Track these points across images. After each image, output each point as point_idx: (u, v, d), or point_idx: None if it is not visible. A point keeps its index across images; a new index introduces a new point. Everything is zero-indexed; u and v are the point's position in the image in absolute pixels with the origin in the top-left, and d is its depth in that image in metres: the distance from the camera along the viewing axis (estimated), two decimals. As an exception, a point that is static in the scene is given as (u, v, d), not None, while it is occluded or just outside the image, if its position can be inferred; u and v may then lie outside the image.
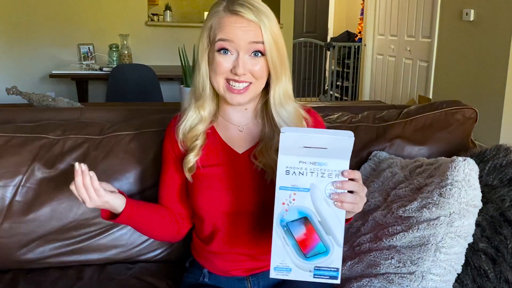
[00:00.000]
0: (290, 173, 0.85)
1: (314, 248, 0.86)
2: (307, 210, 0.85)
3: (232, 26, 0.97)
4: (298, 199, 0.85)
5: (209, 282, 1.15)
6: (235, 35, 0.97)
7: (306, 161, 0.84)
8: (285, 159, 0.84)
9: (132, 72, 3.71)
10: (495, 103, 3.32)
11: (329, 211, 0.85)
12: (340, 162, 0.84)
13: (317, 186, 0.84)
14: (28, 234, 1.29)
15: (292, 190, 0.85)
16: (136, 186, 1.34)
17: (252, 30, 0.97)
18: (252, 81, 1.01)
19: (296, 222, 0.86)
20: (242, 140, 1.10)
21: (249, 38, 0.97)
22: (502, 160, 1.23)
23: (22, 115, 1.49)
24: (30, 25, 4.61)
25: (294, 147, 0.83)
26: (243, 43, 0.97)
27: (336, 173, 0.84)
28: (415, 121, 1.49)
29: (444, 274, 1.03)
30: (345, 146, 0.82)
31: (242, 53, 0.98)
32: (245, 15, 0.97)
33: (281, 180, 0.85)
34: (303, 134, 0.83)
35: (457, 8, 3.78)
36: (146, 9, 4.96)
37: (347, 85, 6.30)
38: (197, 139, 1.08)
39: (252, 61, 0.99)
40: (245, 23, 0.97)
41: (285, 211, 0.86)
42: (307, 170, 0.84)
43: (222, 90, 1.02)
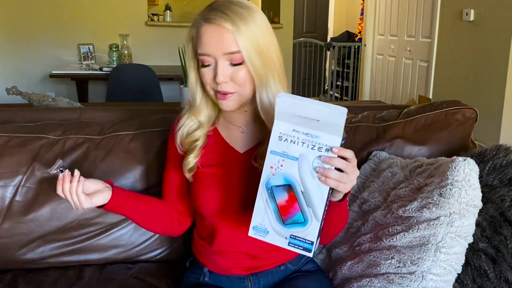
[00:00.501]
0: (282, 139, 0.86)
1: (293, 216, 0.87)
2: (292, 179, 0.86)
3: (207, 37, 0.96)
4: (286, 166, 0.86)
5: (210, 282, 1.15)
6: (210, 49, 0.96)
7: (300, 131, 0.85)
8: (279, 125, 0.86)
9: (132, 72, 3.71)
10: (495, 103, 3.32)
11: (313, 184, 0.85)
12: (333, 138, 0.84)
13: (306, 157, 0.85)
14: (28, 234, 1.29)
15: (281, 156, 0.86)
16: (136, 186, 1.34)
17: (225, 40, 0.95)
18: (235, 90, 0.99)
19: (280, 187, 0.87)
20: (243, 140, 1.10)
21: (223, 49, 0.95)
22: (502, 160, 1.23)
23: (22, 115, 1.50)
24: (30, 25, 4.61)
25: (289, 114, 0.84)
26: (219, 55, 0.96)
27: (326, 147, 0.84)
28: (415, 121, 1.49)
29: (444, 274, 1.03)
30: (337, 121, 0.82)
31: (221, 62, 0.97)
32: (219, 22, 0.94)
33: (273, 145, 0.86)
34: (298, 102, 0.83)
35: (457, 8, 3.78)
36: (146, 9, 4.97)
37: (347, 85, 6.30)
38: (197, 141, 1.09)
39: (232, 69, 0.97)
40: (218, 32, 0.95)
41: (272, 175, 0.87)
42: (299, 139, 0.85)
43: (213, 97, 1.03)
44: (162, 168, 1.22)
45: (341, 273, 1.18)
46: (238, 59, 0.96)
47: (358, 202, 1.33)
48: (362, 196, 1.32)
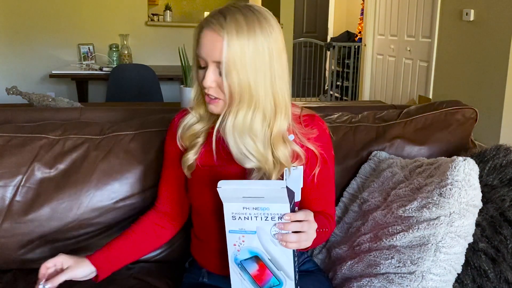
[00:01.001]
0: (236, 218, 0.89)
1: (269, 281, 0.92)
2: (257, 250, 0.91)
3: (203, 41, 0.96)
4: (247, 241, 0.91)
5: (208, 282, 1.15)
6: (203, 53, 0.96)
7: (249, 207, 0.88)
8: (229, 206, 0.89)
9: (132, 72, 3.71)
10: (495, 103, 3.32)
11: (276, 250, 0.90)
12: (281, 206, 0.87)
13: (263, 228, 0.89)
14: (28, 234, 1.29)
15: (240, 233, 0.90)
16: (136, 186, 1.35)
17: (216, 48, 0.94)
18: (220, 97, 0.98)
19: (249, 260, 0.92)
20: None
21: (212, 56, 0.95)
22: (502, 160, 1.23)
23: (22, 115, 1.49)
24: (30, 25, 4.61)
25: (234, 197, 0.88)
26: (209, 59, 0.96)
27: (279, 215, 0.88)
28: (415, 121, 1.49)
29: (444, 274, 1.03)
30: (279, 195, 0.86)
31: (211, 67, 0.96)
32: (215, 28, 0.93)
33: (229, 224, 0.90)
34: (238, 187, 0.87)
35: (457, 8, 3.78)
36: (146, 9, 4.97)
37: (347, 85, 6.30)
38: (198, 137, 1.09)
39: (219, 77, 0.96)
40: (212, 38, 0.94)
41: (237, 251, 0.92)
42: (251, 215, 0.89)
43: None
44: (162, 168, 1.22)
45: (341, 273, 1.18)
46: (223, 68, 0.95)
47: (358, 202, 1.33)
48: (362, 196, 1.32)
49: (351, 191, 1.40)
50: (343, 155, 1.42)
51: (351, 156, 1.44)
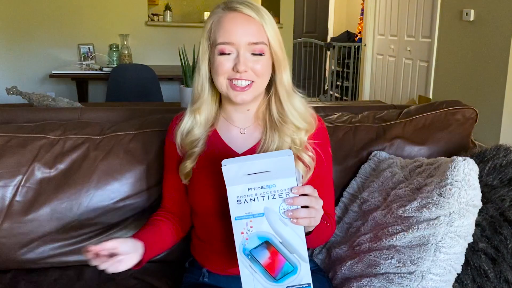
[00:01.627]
0: (241, 202, 0.85)
1: (282, 269, 0.87)
2: (267, 234, 0.86)
3: (231, 25, 0.97)
4: (255, 226, 0.86)
5: (209, 282, 1.15)
6: (235, 36, 0.97)
7: (255, 187, 0.85)
8: (233, 190, 0.85)
9: (132, 72, 3.71)
10: (495, 103, 3.32)
11: (287, 230, 0.86)
12: (288, 181, 0.85)
13: (271, 208, 0.85)
14: (28, 234, 1.29)
15: (247, 218, 0.86)
16: (136, 186, 1.34)
17: (251, 29, 0.97)
18: (254, 80, 1.01)
19: (259, 248, 0.86)
20: (243, 141, 1.11)
21: (248, 39, 0.97)
22: (502, 160, 1.23)
23: (22, 115, 1.49)
24: (30, 25, 4.61)
25: (238, 176, 0.84)
26: (243, 43, 0.97)
27: (286, 191, 0.85)
28: (415, 121, 1.49)
29: (444, 274, 1.03)
30: (286, 165, 0.83)
31: (243, 51, 0.98)
32: (244, 11, 0.97)
33: (235, 210, 0.86)
34: (243, 163, 0.84)
35: (457, 8, 3.78)
36: (146, 9, 4.96)
37: (347, 85, 6.30)
38: (196, 146, 1.08)
39: (253, 59, 0.99)
40: (244, 19, 0.98)
41: (246, 240, 0.86)
42: (258, 195, 0.85)
43: (225, 89, 1.02)
44: (162, 168, 1.22)
45: (341, 273, 1.18)
46: (260, 50, 0.99)
47: (358, 202, 1.33)
48: (362, 196, 1.32)
49: (351, 191, 1.40)
50: (343, 155, 1.42)
51: (351, 156, 1.44)
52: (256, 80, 1.01)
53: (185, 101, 1.95)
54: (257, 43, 0.98)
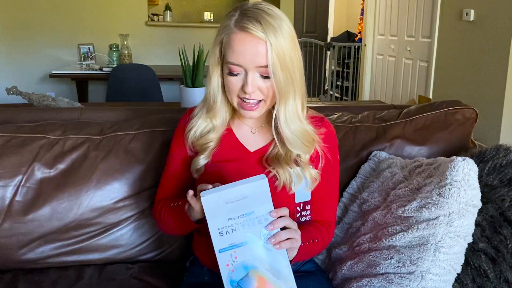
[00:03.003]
0: (223, 233, 0.86)
1: None
2: (252, 262, 0.87)
3: (241, 47, 0.96)
4: (240, 255, 0.87)
5: (210, 281, 1.15)
6: (243, 60, 0.97)
7: (234, 216, 0.86)
8: (214, 223, 0.86)
9: (132, 72, 3.71)
10: (495, 103, 3.32)
11: (271, 255, 0.87)
12: (265, 206, 0.86)
13: (253, 236, 0.87)
14: (28, 234, 1.29)
15: (231, 248, 0.87)
16: (136, 186, 1.35)
17: (259, 53, 0.96)
18: (262, 98, 1.02)
19: (246, 278, 0.87)
20: (254, 139, 1.12)
21: (256, 62, 0.96)
22: (502, 160, 1.23)
23: (22, 115, 1.49)
24: (30, 25, 4.62)
25: (218, 207, 0.85)
26: (251, 67, 0.97)
27: (265, 217, 0.87)
28: (415, 121, 1.49)
29: (444, 274, 1.03)
30: (262, 189, 0.85)
31: (251, 72, 0.98)
32: (253, 32, 0.94)
33: (218, 243, 0.87)
34: (221, 192, 0.85)
35: (457, 8, 3.78)
36: (146, 9, 4.97)
37: (347, 85, 6.30)
38: (210, 142, 1.09)
39: (261, 81, 0.99)
40: (253, 43, 0.95)
41: (232, 272, 0.87)
42: (238, 224, 0.86)
43: (236, 105, 1.04)
44: (162, 168, 1.22)
45: (341, 273, 1.18)
46: (268, 73, 0.97)
47: (358, 202, 1.33)
48: (362, 196, 1.32)
49: (351, 191, 1.40)
50: (343, 155, 1.42)
51: (351, 156, 1.45)
52: (265, 99, 1.02)
53: (185, 101, 1.95)
54: (266, 66, 0.97)
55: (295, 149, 1.06)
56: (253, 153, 1.11)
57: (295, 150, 1.06)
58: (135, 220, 1.35)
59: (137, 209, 1.35)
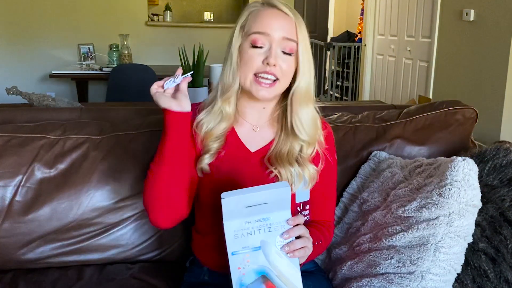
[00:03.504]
0: (238, 236, 0.87)
1: None
2: (263, 268, 0.87)
3: (269, 18, 1.01)
4: (252, 260, 0.87)
5: (210, 280, 1.15)
6: (270, 28, 1.00)
7: (251, 220, 0.86)
8: (230, 225, 0.86)
9: (132, 72, 3.71)
10: (495, 103, 3.32)
11: (283, 262, 0.87)
12: (283, 213, 0.87)
13: (267, 241, 0.87)
14: (28, 234, 1.29)
15: (244, 252, 0.87)
16: (135, 186, 1.34)
17: (287, 25, 1.01)
18: (279, 77, 1.02)
19: (256, 282, 0.87)
20: (255, 139, 1.12)
21: (283, 33, 1.00)
22: (502, 160, 1.23)
23: (22, 115, 1.49)
24: (30, 25, 4.62)
25: (236, 210, 0.85)
26: (277, 37, 1.00)
27: (281, 224, 0.87)
28: (415, 121, 1.49)
29: (444, 274, 1.03)
30: (283, 196, 0.86)
31: (275, 45, 1.01)
32: (283, 9, 1.01)
33: (232, 245, 0.86)
34: (242, 196, 0.85)
35: (457, 8, 3.78)
36: (146, 9, 4.97)
37: (347, 85, 6.29)
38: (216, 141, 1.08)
39: (282, 57, 1.02)
40: (281, 15, 1.01)
41: (243, 275, 0.87)
42: (254, 228, 0.87)
43: (248, 83, 1.03)
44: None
45: (341, 273, 1.18)
46: (291, 49, 1.01)
47: (358, 202, 1.33)
48: (362, 196, 1.32)
49: (351, 191, 1.40)
50: (343, 155, 1.42)
51: (351, 156, 1.45)
52: (281, 78, 1.03)
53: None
54: (290, 39, 1.01)
55: (302, 134, 1.06)
56: (254, 154, 1.10)
57: (302, 135, 1.06)
58: (135, 220, 1.35)
59: (137, 209, 1.35)
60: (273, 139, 1.11)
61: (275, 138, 1.10)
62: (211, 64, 2.00)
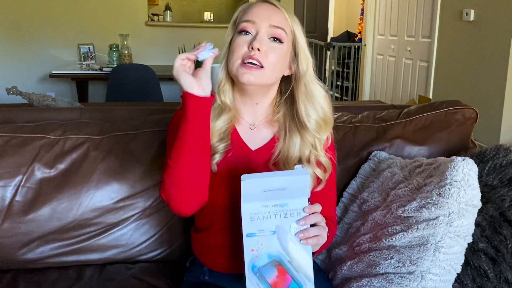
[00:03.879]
0: (254, 219, 0.87)
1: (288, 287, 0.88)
2: (276, 253, 0.88)
3: (257, 9, 1.02)
4: (266, 243, 0.88)
5: (210, 280, 1.15)
6: (258, 16, 1.00)
7: (269, 205, 0.87)
8: (248, 207, 0.87)
9: (132, 72, 3.71)
10: (495, 103, 3.32)
11: (296, 249, 0.88)
12: (300, 200, 0.87)
13: (282, 227, 0.87)
14: (28, 234, 1.29)
15: (259, 235, 0.87)
16: (136, 186, 1.35)
17: (276, 15, 1.01)
18: (264, 65, 1.00)
19: (267, 266, 0.88)
20: (254, 137, 1.11)
21: (271, 21, 1.01)
22: (502, 160, 1.23)
23: (22, 115, 1.50)
24: (30, 25, 4.62)
25: (255, 193, 0.86)
26: (264, 24, 1.00)
27: (298, 211, 0.87)
28: (415, 121, 1.49)
29: (444, 274, 1.03)
30: (302, 184, 0.86)
31: (263, 31, 1.00)
32: (275, 4, 1.02)
33: (247, 227, 0.87)
34: (262, 179, 0.86)
35: (457, 8, 3.78)
36: (146, 9, 4.97)
37: (347, 85, 6.30)
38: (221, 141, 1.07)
39: (269, 44, 1.01)
40: (271, 7, 1.02)
41: (255, 257, 0.88)
42: (271, 213, 0.87)
43: (235, 69, 1.01)
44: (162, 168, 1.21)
45: (341, 273, 1.18)
46: (280, 35, 1.01)
47: (358, 202, 1.33)
48: (362, 196, 1.32)
49: (351, 191, 1.40)
50: (343, 155, 1.42)
51: (351, 156, 1.45)
52: (266, 66, 1.00)
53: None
54: (278, 27, 1.01)
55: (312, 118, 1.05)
56: (254, 152, 1.10)
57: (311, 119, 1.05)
58: (135, 220, 1.35)
59: (137, 209, 1.35)
60: (273, 139, 1.10)
61: (277, 140, 1.09)
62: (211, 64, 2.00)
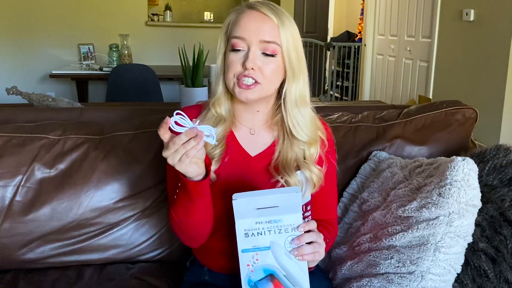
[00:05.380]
0: (249, 235, 0.88)
1: None
2: (272, 267, 0.89)
3: (247, 21, 0.98)
4: (261, 258, 0.89)
5: (210, 280, 1.15)
6: (247, 32, 0.97)
7: (262, 221, 0.88)
8: (242, 223, 0.88)
9: (132, 72, 3.71)
10: (495, 103, 3.32)
11: (291, 263, 0.89)
12: (294, 216, 0.88)
13: (277, 242, 0.88)
14: (28, 234, 1.29)
15: (254, 251, 0.89)
16: (136, 186, 1.35)
17: (267, 28, 0.97)
18: (260, 81, 0.99)
19: (263, 280, 0.90)
20: (254, 143, 1.10)
21: (261, 36, 0.97)
22: (502, 160, 1.23)
23: (22, 115, 1.50)
24: (31, 25, 4.62)
25: (247, 210, 0.87)
26: (254, 39, 0.97)
27: (292, 227, 0.88)
28: (415, 121, 1.49)
29: (444, 274, 1.03)
30: (294, 201, 0.87)
31: (254, 48, 0.98)
32: (263, 10, 0.98)
33: (242, 243, 0.89)
34: (253, 198, 0.87)
35: (457, 8, 3.78)
36: (146, 9, 4.97)
37: (347, 85, 6.30)
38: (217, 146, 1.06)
39: (263, 59, 0.99)
40: (260, 18, 0.98)
41: (251, 272, 0.90)
42: (265, 229, 0.88)
43: (231, 86, 1.01)
44: (162, 168, 1.21)
45: (341, 273, 1.18)
46: (272, 50, 0.98)
47: (358, 202, 1.33)
48: (362, 196, 1.32)
49: (351, 191, 1.40)
50: (343, 155, 1.42)
51: (351, 156, 1.45)
52: (262, 81, 0.99)
53: (185, 101, 1.95)
54: (269, 42, 0.97)
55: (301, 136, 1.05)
56: (254, 158, 1.09)
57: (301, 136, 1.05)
58: (135, 220, 1.35)
59: (137, 209, 1.35)
60: (273, 143, 1.09)
61: (277, 143, 1.09)
62: (211, 64, 2.00)
